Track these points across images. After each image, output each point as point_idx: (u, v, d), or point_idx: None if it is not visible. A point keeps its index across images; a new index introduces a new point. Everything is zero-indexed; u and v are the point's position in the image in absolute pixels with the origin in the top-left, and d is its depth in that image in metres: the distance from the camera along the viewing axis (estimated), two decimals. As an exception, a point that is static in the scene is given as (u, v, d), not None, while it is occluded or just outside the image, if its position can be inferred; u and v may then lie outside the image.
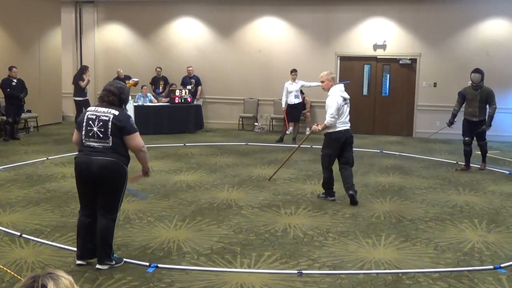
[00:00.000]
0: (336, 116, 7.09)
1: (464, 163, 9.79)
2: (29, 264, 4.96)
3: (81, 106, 12.55)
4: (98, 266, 4.81)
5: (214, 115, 15.72)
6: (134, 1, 15.83)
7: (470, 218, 6.70)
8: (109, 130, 4.65)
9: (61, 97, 15.84)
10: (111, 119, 4.66)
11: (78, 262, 4.90)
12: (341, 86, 7.32)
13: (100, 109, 4.74)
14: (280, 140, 12.92)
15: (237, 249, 5.43)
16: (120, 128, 4.66)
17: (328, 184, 7.45)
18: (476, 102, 9.42)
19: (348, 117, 7.30)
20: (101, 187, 4.72)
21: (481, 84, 9.45)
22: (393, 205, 7.24)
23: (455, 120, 9.90)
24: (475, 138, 9.63)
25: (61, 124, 15.44)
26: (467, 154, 9.68)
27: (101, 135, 4.66)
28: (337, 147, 7.23)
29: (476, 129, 9.51)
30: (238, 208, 6.96)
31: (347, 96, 7.31)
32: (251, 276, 4.79)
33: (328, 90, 7.27)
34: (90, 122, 4.69)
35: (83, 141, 4.72)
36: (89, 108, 4.88)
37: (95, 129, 4.67)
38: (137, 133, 4.78)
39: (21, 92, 12.48)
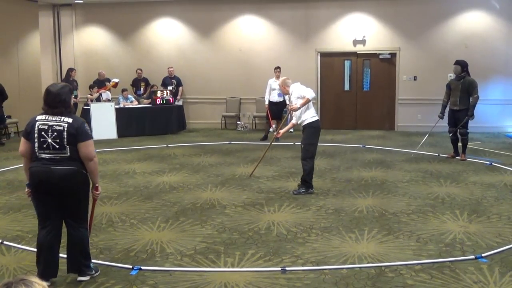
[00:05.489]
0: (314, 94, 7.63)
1: (453, 151, 10.35)
2: (10, 271, 4.91)
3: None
4: (80, 278, 4.64)
5: (196, 115, 15.68)
6: (112, 3, 15.71)
7: (451, 209, 6.77)
8: (65, 140, 4.34)
9: (41, 101, 15.47)
10: (66, 128, 4.35)
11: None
12: (298, 83, 7.79)
13: (51, 117, 4.41)
14: (265, 138, 12.93)
15: (221, 249, 5.43)
16: (75, 135, 4.36)
17: (310, 175, 7.56)
18: (458, 92, 9.88)
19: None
20: (64, 198, 4.44)
21: (463, 75, 9.87)
22: (376, 199, 7.29)
23: (445, 111, 10.24)
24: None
25: (42, 129, 15.25)
26: (453, 142, 10.27)
27: (57, 146, 4.35)
28: (319, 135, 7.69)
29: (457, 118, 9.92)
30: (222, 207, 6.96)
31: None
32: (234, 275, 4.79)
33: (287, 93, 7.75)
34: (43, 133, 4.36)
35: (37, 153, 4.40)
36: (37, 117, 4.46)
37: (49, 140, 4.35)
38: (91, 141, 4.46)
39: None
